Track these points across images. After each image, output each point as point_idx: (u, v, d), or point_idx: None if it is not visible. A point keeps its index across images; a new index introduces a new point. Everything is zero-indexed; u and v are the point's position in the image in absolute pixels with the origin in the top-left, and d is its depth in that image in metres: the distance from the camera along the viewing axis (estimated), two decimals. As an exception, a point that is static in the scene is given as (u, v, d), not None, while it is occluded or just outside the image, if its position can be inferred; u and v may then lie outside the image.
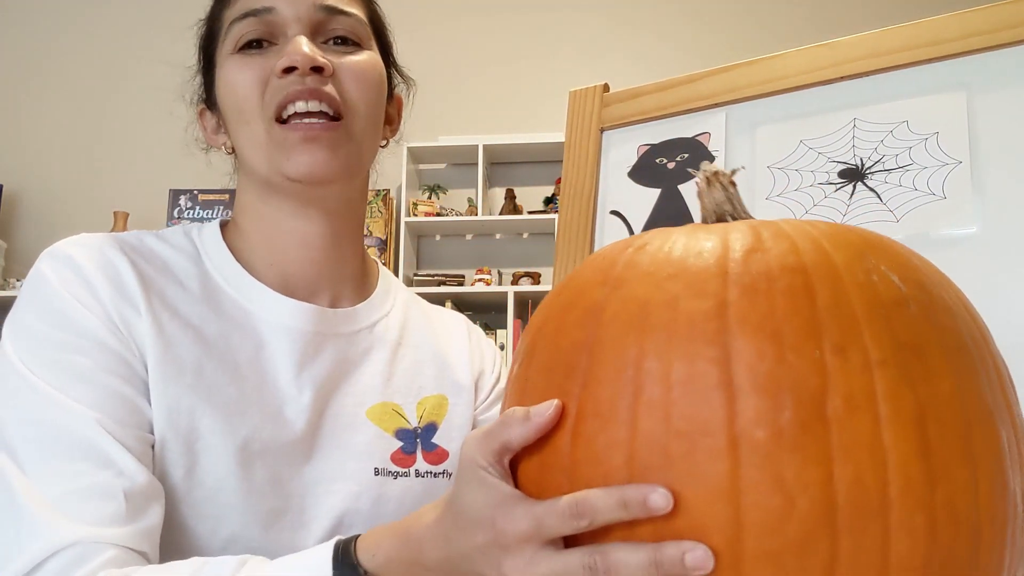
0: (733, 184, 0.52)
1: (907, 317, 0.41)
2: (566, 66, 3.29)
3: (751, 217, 0.51)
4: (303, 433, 0.70)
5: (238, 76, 0.71)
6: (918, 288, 0.43)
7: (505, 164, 3.29)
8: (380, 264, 0.86)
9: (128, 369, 0.64)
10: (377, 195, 3.12)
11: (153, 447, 0.64)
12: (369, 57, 0.74)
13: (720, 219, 0.51)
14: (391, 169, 3.11)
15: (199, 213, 3.13)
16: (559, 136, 0.85)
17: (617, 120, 0.90)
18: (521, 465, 0.45)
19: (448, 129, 3.22)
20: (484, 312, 3.06)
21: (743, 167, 0.55)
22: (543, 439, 0.44)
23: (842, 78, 0.79)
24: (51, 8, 3.50)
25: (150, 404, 0.64)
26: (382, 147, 0.81)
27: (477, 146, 3.08)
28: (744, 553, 0.38)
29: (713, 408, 0.39)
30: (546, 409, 0.43)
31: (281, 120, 0.70)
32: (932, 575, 0.38)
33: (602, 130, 0.91)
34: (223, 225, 0.77)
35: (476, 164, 3.10)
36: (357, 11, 0.74)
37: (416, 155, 3.22)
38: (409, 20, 3.42)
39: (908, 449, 0.38)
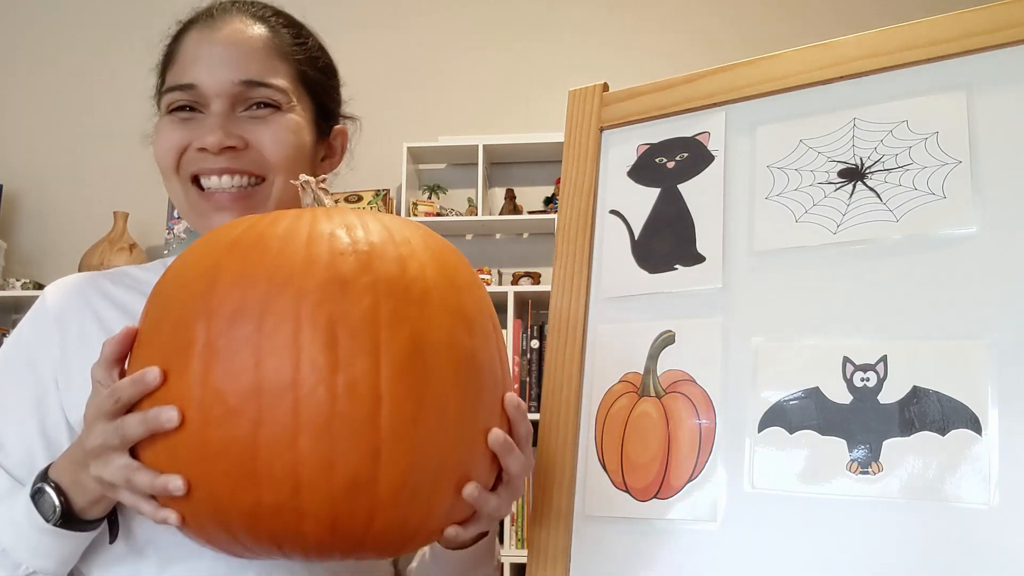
0: (325, 190, 0.71)
1: (342, 262, 0.59)
2: (566, 66, 3.28)
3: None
4: None
5: (162, 139, 0.83)
6: (368, 244, 0.61)
7: (505, 164, 3.28)
8: None
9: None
10: (377, 195, 3.12)
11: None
12: (286, 120, 0.83)
13: None
14: (391, 169, 3.11)
15: (199, 213, 3.13)
16: (559, 136, 0.85)
17: (617, 120, 0.90)
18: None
19: (448, 129, 3.22)
20: (484, 312, 3.05)
21: (324, 177, 0.73)
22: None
23: (842, 78, 0.79)
24: (51, 8, 3.50)
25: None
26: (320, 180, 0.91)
27: (477, 146, 3.08)
28: (207, 411, 0.57)
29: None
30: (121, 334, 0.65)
31: (197, 182, 0.82)
32: (335, 431, 0.56)
33: (601, 130, 0.91)
34: None
35: (476, 164, 3.09)
36: (277, 80, 0.83)
37: (416, 155, 3.21)
38: (409, 21, 3.43)
39: (316, 347, 0.56)
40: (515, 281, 3.07)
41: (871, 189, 0.75)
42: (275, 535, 0.59)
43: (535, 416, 0.81)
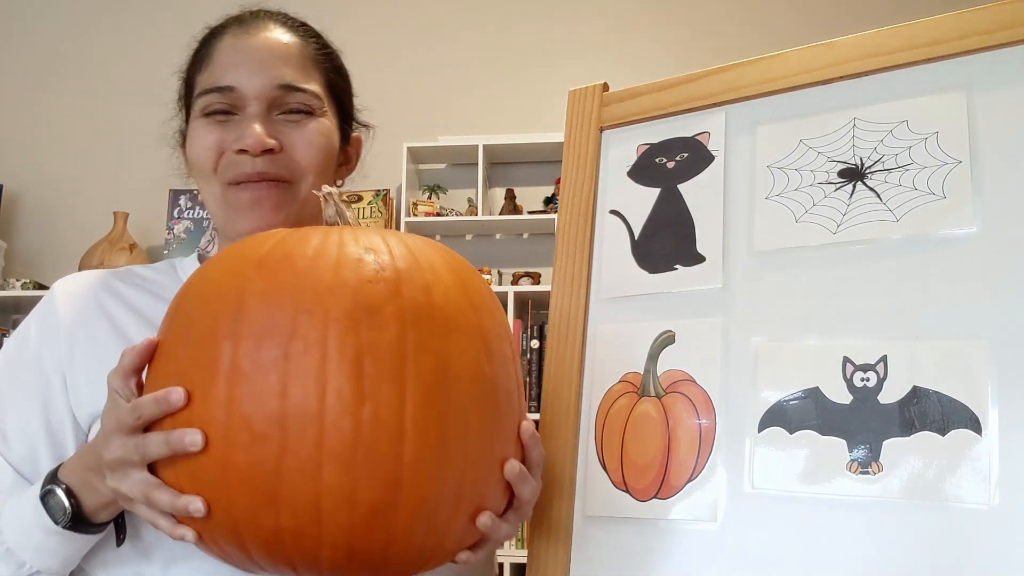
0: (346, 202, 0.71)
1: (370, 289, 0.59)
2: (566, 66, 3.28)
3: (354, 223, 0.71)
4: None
5: (200, 140, 0.83)
6: (394, 271, 0.61)
7: (505, 164, 3.29)
8: None
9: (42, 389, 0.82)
10: (377, 195, 3.12)
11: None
12: (318, 125, 0.85)
13: (333, 224, 0.70)
14: (391, 169, 3.11)
15: (199, 213, 3.13)
16: (559, 136, 0.85)
17: (617, 120, 0.90)
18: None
19: (448, 129, 3.22)
20: (484, 312, 3.05)
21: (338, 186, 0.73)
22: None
23: (842, 78, 0.79)
24: (52, 9, 3.50)
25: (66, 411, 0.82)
26: (338, 186, 0.93)
27: (477, 146, 3.08)
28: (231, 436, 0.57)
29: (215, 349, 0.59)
30: (140, 345, 0.64)
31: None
32: (358, 461, 0.56)
33: (601, 130, 0.91)
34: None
35: (476, 164, 3.09)
36: (311, 86, 0.85)
37: (416, 155, 3.21)
38: (409, 21, 3.43)
39: (342, 376, 0.56)
40: (515, 281, 3.07)
41: (871, 189, 0.75)
42: (292, 560, 0.59)
43: (535, 416, 0.81)
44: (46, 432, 0.81)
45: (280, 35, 0.86)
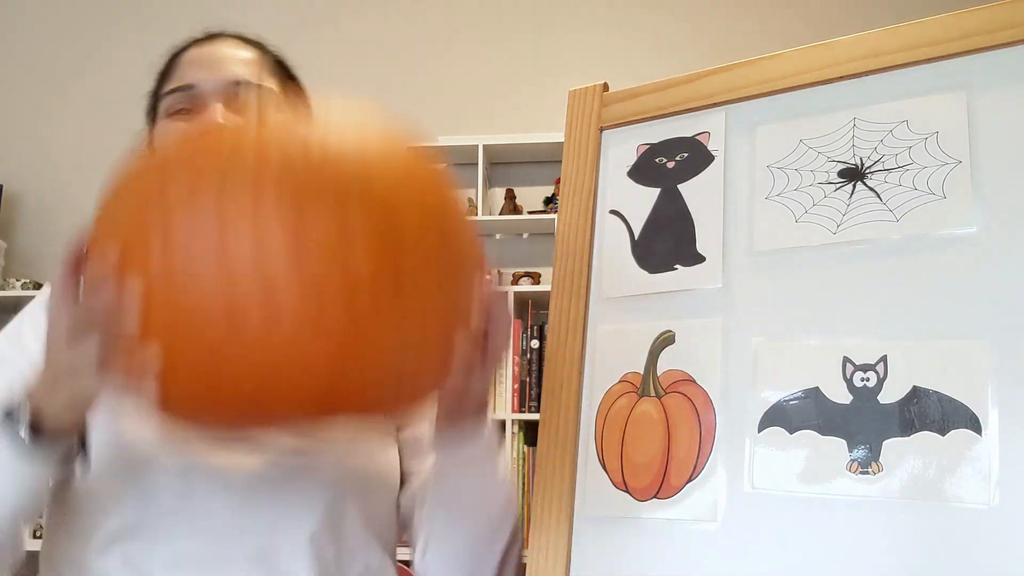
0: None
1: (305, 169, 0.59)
2: (566, 66, 3.29)
3: None
4: None
5: (163, 138, 0.86)
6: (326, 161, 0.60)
7: (505, 164, 3.28)
8: None
9: None
10: (377, 195, 3.12)
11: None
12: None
13: None
14: (391, 169, 3.11)
15: (199, 213, 3.13)
16: (559, 136, 0.85)
17: (617, 120, 0.90)
18: None
19: (448, 129, 3.22)
20: (484, 312, 3.06)
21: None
22: None
23: (842, 78, 0.79)
24: (52, 9, 3.50)
25: None
26: None
27: (477, 146, 3.08)
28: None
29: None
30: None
31: None
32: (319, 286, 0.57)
33: (601, 130, 0.91)
34: None
35: (476, 164, 3.09)
36: (269, 83, 0.89)
37: (416, 155, 3.21)
38: (409, 22, 3.42)
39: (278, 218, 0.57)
40: (515, 281, 3.07)
41: (871, 189, 0.75)
42: (262, 402, 0.58)
43: (535, 416, 0.81)
44: None
45: (239, 47, 0.91)
